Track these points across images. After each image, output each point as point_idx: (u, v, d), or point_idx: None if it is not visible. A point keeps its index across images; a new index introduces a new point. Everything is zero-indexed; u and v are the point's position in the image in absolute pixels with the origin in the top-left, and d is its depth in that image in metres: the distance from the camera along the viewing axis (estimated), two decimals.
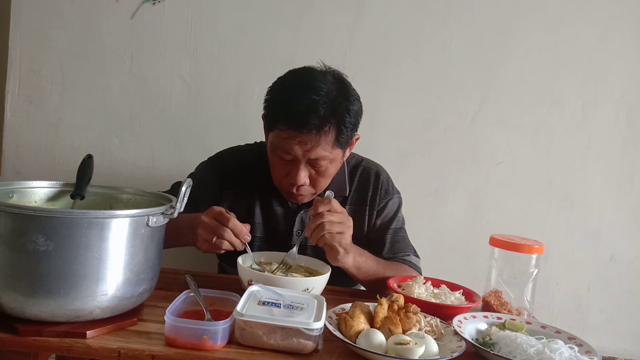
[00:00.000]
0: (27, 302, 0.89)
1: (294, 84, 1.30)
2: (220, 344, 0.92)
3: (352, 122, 1.29)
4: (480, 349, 0.99)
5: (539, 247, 1.25)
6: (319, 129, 1.24)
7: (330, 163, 1.31)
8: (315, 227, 1.17)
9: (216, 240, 1.16)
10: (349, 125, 1.28)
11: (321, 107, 1.23)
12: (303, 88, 1.26)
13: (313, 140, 1.25)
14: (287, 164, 1.31)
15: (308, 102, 1.23)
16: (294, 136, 1.25)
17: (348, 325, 0.99)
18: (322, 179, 1.34)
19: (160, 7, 1.83)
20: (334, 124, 1.26)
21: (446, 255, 1.92)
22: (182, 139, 1.88)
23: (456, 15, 1.87)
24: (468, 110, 1.91)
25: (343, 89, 1.30)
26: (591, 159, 1.94)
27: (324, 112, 1.23)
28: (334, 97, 1.26)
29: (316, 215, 1.18)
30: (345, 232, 1.19)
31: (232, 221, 1.16)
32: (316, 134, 1.24)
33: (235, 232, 1.16)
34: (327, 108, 1.24)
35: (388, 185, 1.51)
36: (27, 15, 1.81)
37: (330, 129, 1.25)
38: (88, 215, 0.90)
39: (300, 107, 1.23)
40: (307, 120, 1.23)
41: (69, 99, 1.85)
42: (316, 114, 1.23)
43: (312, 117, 1.23)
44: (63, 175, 1.85)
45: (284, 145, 1.27)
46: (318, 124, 1.23)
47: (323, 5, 1.85)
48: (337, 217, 1.19)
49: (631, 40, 1.90)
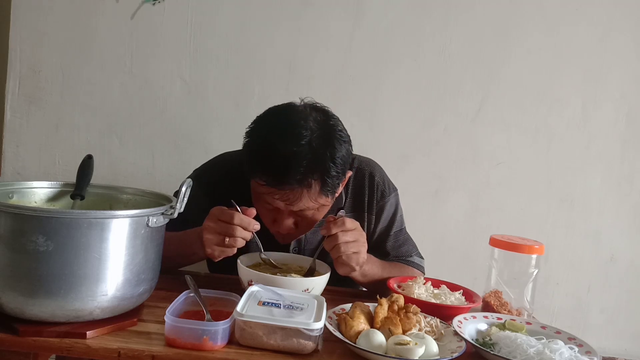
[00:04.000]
0: (27, 302, 0.89)
1: (273, 129, 1.18)
2: (220, 345, 0.92)
3: (338, 171, 1.17)
4: (480, 349, 0.99)
5: (539, 247, 1.25)
6: (300, 183, 1.13)
7: (317, 210, 1.23)
8: (330, 249, 1.15)
9: (229, 241, 1.11)
10: (334, 174, 1.16)
11: (303, 159, 1.12)
12: (282, 136, 1.14)
13: (295, 194, 1.15)
14: (271, 212, 1.23)
15: (288, 155, 1.12)
16: (273, 192, 1.16)
17: (348, 325, 0.99)
18: (310, 224, 1.27)
19: (160, 7, 1.83)
20: (317, 176, 1.14)
21: (446, 256, 1.92)
22: (182, 139, 1.88)
23: (456, 15, 1.87)
24: (468, 110, 1.91)
25: (327, 134, 1.17)
26: (591, 159, 1.94)
27: (306, 166, 1.12)
28: (317, 146, 1.14)
29: (330, 236, 1.14)
30: (361, 251, 1.17)
31: (237, 216, 1.11)
32: (298, 188, 1.14)
33: (243, 226, 1.12)
34: (310, 160, 1.12)
35: (384, 185, 1.42)
36: (27, 15, 1.81)
37: (313, 182, 1.14)
38: (88, 215, 0.90)
39: (279, 160, 1.12)
40: (287, 176, 1.12)
41: (69, 99, 1.85)
42: (296, 168, 1.11)
43: (292, 172, 1.12)
44: (63, 175, 1.85)
45: (264, 197, 1.19)
46: (299, 178, 1.12)
47: (323, 5, 1.85)
48: (351, 235, 1.15)
49: (631, 40, 1.90)
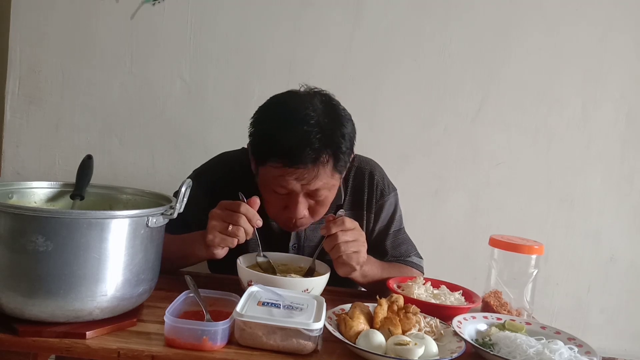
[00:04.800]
0: (26, 302, 0.89)
1: (281, 115, 1.21)
2: (220, 345, 0.92)
3: (347, 146, 1.22)
4: (480, 349, 0.99)
5: (538, 247, 1.25)
6: (315, 162, 1.17)
7: (329, 191, 1.25)
8: (330, 249, 1.16)
9: (232, 228, 1.12)
10: (345, 150, 1.21)
11: (314, 138, 1.16)
12: (291, 120, 1.18)
13: (311, 173, 1.18)
14: (282, 198, 1.24)
15: (300, 136, 1.15)
16: (289, 172, 1.17)
17: (348, 325, 0.99)
18: (322, 208, 1.28)
19: (160, 8, 1.83)
20: (330, 153, 1.19)
21: (446, 256, 1.92)
22: (182, 139, 1.88)
23: (456, 15, 1.87)
24: (468, 110, 1.91)
25: (333, 113, 1.22)
26: (591, 159, 1.94)
27: (318, 143, 1.16)
28: (326, 124, 1.18)
29: (330, 236, 1.16)
30: (361, 250, 1.18)
31: (243, 206, 1.13)
32: (313, 167, 1.17)
33: (248, 217, 1.13)
34: (321, 138, 1.16)
35: (383, 185, 1.44)
36: (27, 15, 1.81)
37: (327, 159, 1.19)
38: (88, 215, 0.90)
39: (293, 142, 1.15)
40: (302, 155, 1.15)
41: (69, 99, 1.85)
42: (310, 147, 1.15)
43: (306, 151, 1.15)
44: (63, 176, 1.85)
45: (279, 181, 1.20)
46: (314, 157, 1.16)
47: (323, 5, 1.85)
48: (351, 235, 1.16)
49: (631, 41, 1.90)
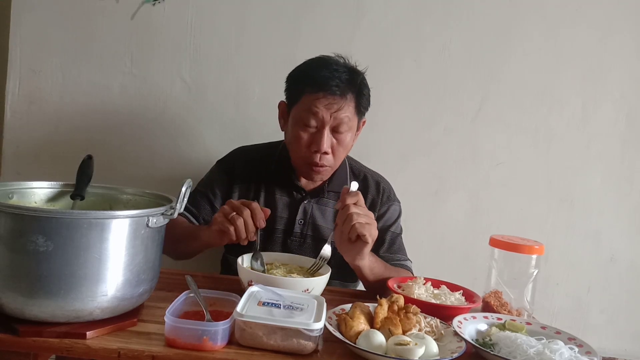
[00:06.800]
0: (27, 302, 0.89)
1: (314, 61, 1.44)
2: (220, 345, 0.92)
3: (367, 95, 1.43)
4: (480, 349, 0.99)
5: (538, 247, 1.25)
6: (342, 93, 1.36)
7: (349, 131, 1.40)
8: (344, 218, 1.20)
9: (233, 215, 1.20)
10: (366, 94, 1.42)
11: (342, 74, 1.37)
12: (323, 62, 1.41)
13: (338, 102, 1.36)
14: (310, 135, 1.39)
15: (331, 71, 1.37)
16: (321, 97, 1.35)
17: (348, 325, 0.99)
18: (342, 149, 1.42)
19: (160, 8, 1.83)
20: (354, 92, 1.39)
21: (446, 256, 1.91)
22: (182, 139, 1.87)
23: (456, 15, 1.87)
24: (468, 110, 1.91)
25: (356, 70, 1.43)
26: (591, 159, 1.94)
27: (345, 79, 1.37)
28: (351, 70, 1.41)
29: (344, 206, 1.22)
30: (372, 224, 1.22)
31: (255, 204, 1.23)
32: (340, 97, 1.36)
33: (254, 212, 1.21)
34: (348, 77, 1.38)
35: (390, 192, 1.57)
36: (27, 16, 1.81)
37: (350, 96, 1.38)
38: (88, 215, 0.90)
39: (325, 72, 1.37)
40: (331, 84, 1.35)
41: (69, 99, 1.85)
42: (340, 79, 1.36)
43: (335, 81, 1.36)
44: (63, 176, 1.85)
45: (312, 108, 1.36)
46: (342, 87, 1.36)
47: (323, 6, 1.85)
48: (363, 210, 1.22)
49: (631, 41, 1.90)
